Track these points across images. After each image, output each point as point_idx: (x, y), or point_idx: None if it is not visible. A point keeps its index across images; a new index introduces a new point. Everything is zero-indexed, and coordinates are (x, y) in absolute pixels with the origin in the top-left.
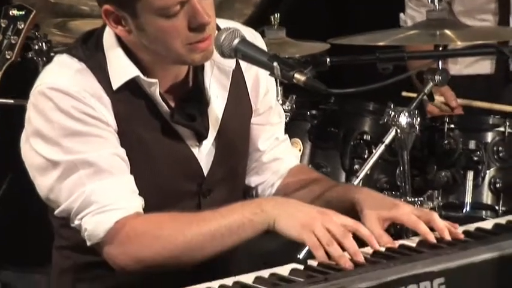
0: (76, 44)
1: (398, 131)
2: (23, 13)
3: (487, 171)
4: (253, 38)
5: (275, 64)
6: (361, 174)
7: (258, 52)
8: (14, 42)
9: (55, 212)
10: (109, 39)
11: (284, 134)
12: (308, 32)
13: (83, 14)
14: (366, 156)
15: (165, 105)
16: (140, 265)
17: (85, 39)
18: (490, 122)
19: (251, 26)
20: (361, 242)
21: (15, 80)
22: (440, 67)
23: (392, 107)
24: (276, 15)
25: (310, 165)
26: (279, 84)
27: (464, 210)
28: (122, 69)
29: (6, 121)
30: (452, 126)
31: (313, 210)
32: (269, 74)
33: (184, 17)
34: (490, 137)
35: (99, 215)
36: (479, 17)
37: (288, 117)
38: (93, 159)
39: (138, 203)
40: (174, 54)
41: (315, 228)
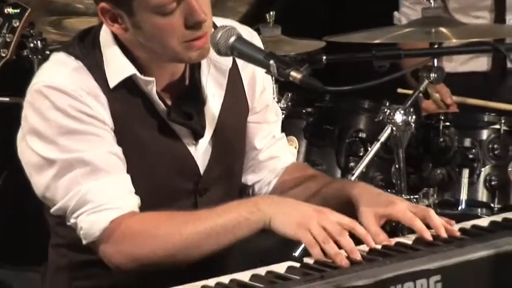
0: (73, 42)
1: (394, 128)
2: (18, 11)
3: (482, 169)
4: (250, 37)
5: (271, 62)
6: (357, 172)
7: (254, 50)
8: (9, 40)
9: (51, 210)
10: (106, 37)
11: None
12: (303, 30)
13: (78, 12)
14: (362, 153)
15: (161, 103)
16: (136, 264)
17: (82, 37)
18: (485, 120)
19: (245, 24)
20: (357, 240)
21: (11, 78)
22: (435, 65)
23: (387, 104)
24: (272, 13)
25: (305, 163)
26: (275, 82)
27: (459, 208)
28: (118, 67)
29: (1, 119)
30: (447, 123)
31: (309, 208)
32: (265, 72)
33: (180, 14)
34: (485, 134)
35: (95, 214)
36: (473, 14)
37: (284, 115)
38: (89, 158)
39: (134, 202)
40: (171, 52)
41: (311, 226)
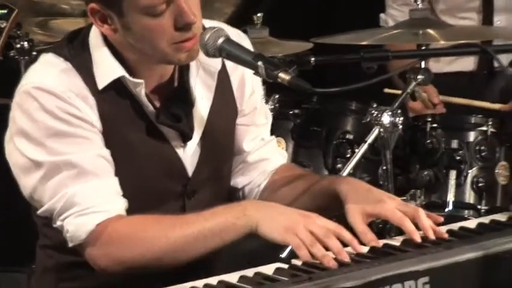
0: (62, 43)
1: (381, 130)
2: (5, 12)
3: (469, 171)
4: (239, 39)
5: (260, 63)
6: (344, 174)
7: (242, 51)
8: None
9: (38, 212)
10: (95, 39)
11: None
12: (290, 31)
13: (65, 13)
14: (349, 155)
15: (150, 105)
16: (122, 267)
17: (71, 39)
18: (473, 122)
19: (232, 25)
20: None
21: None
22: (423, 66)
23: (375, 106)
24: (259, 15)
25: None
26: (262, 83)
27: (446, 209)
28: (107, 69)
29: None
30: (434, 125)
31: (295, 213)
32: (254, 73)
33: (170, 16)
34: (472, 136)
35: (81, 217)
36: (460, 15)
37: (271, 117)
38: (76, 161)
39: (121, 205)
40: (160, 54)
41: (298, 231)
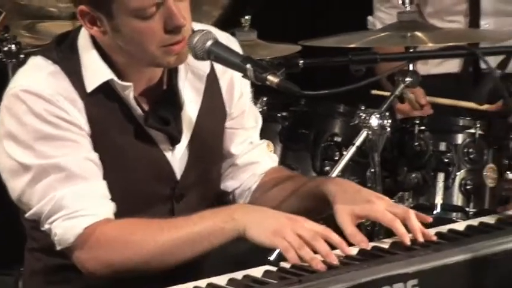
0: (50, 46)
1: (369, 132)
2: None
3: (458, 173)
4: (228, 42)
5: (248, 66)
6: (332, 176)
7: (231, 54)
8: None
9: (26, 215)
10: (84, 41)
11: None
12: (278, 34)
13: (52, 15)
14: (337, 158)
15: (138, 108)
16: (110, 270)
17: (59, 41)
18: (461, 124)
19: (220, 28)
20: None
21: None
22: (411, 69)
23: (363, 108)
24: (247, 18)
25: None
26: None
27: (434, 212)
28: (96, 71)
29: None
30: (422, 127)
31: (283, 216)
32: (242, 76)
33: (160, 19)
34: (460, 138)
35: (69, 220)
36: (448, 18)
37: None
38: (64, 164)
39: (109, 209)
40: (149, 56)
41: (286, 234)
